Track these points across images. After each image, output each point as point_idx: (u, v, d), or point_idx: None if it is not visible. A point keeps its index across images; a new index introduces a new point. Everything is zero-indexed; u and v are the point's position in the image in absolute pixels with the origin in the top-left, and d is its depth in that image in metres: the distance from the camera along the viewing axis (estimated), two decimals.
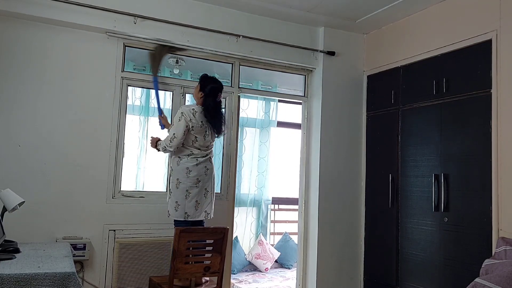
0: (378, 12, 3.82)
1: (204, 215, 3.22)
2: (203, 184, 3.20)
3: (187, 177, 3.15)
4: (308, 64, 4.20)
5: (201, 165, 3.19)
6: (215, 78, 3.37)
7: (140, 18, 3.46)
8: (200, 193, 3.19)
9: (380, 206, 3.98)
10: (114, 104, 3.51)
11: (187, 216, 3.15)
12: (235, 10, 3.83)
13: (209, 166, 3.25)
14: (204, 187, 3.20)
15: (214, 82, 3.28)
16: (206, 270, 2.97)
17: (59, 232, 3.27)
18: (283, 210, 6.53)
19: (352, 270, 4.14)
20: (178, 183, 3.16)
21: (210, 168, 3.25)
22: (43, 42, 3.32)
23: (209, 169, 3.24)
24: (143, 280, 3.46)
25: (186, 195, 3.15)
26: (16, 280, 2.07)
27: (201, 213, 3.20)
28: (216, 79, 3.35)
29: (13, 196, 2.77)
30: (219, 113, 3.26)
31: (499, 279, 2.47)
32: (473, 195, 3.13)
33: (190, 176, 3.15)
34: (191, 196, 3.15)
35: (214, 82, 3.28)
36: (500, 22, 3.06)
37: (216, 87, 3.25)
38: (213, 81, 3.29)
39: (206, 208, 3.23)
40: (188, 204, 3.15)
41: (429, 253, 3.43)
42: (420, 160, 3.59)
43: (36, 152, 3.25)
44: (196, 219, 3.19)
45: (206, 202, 3.23)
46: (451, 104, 3.36)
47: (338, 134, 4.18)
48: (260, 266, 5.51)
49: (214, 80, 3.32)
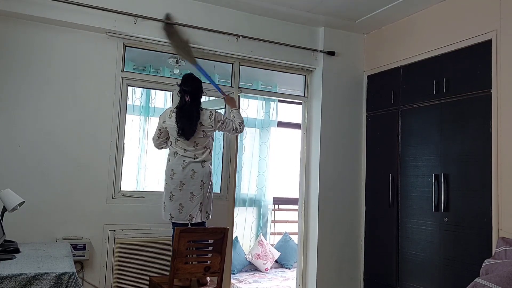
0: (378, 12, 3.82)
1: (188, 218, 3.13)
2: (188, 187, 3.12)
3: (171, 179, 3.14)
4: (308, 64, 4.20)
5: (187, 168, 3.12)
6: (188, 77, 3.26)
7: (140, 18, 3.46)
8: (185, 197, 3.11)
9: (380, 206, 3.98)
10: (114, 104, 3.51)
11: (171, 217, 3.14)
12: (235, 10, 3.83)
13: (198, 169, 3.14)
14: (189, 190, 3.12)
15: (183, 83, 3.21)
16: (206, 270, 2.97)
17: (59, 232, 3.27)
18: (283, 210, 6.53)
19: (352, 270, 4.14)
20: (165, 184, 3.20)
21: (198, 171, 3.14)
22: (43, 42, 3.32)
23: (196, 172, 3.14)
24: (143, 280, 3.46)
25: (170, 197, 3.14)
26: (16, 280, 2.07)
27: (186, 216, 3.13)
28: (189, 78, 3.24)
29: (13, 196, 2.77)
30: (186, 115, 3.11)
31: (499, 279, 2.47)
32: (473, 195, 3.13)
33: (173, 179, 3.13)
34: (175, 199, 3.12)
35: (183, 82, 3.21)
36: (500, 22, 3.06)
37: (183, 89, 3.18)
38: (183, 82, 3.22)
39: (191, 211, 3.12)
40: (172, 206, 3.13)
41: (429, 253, 3.43)
42: (420, 160, 3.59)
43: (36, 152, 3.25)
44: (180, 222, 3.13)
45: (192, 206, 3.12)
46: (451, 104, 3.36)
47: (338, 134, 4.18)
48: (260, 266, 5.51)
49: (185, 80, 3.23)
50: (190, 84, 3.19)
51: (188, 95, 3.16)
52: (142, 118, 4.82)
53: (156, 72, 4.48)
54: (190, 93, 3.16)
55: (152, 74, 4.34)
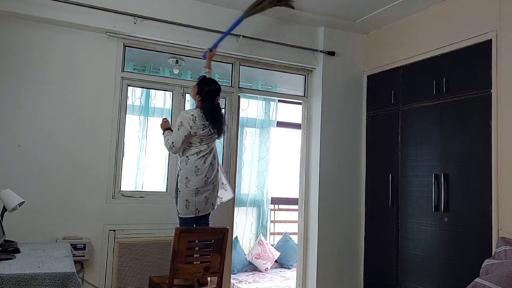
0: (378, 12, 3.83)
1: (211, 208, 3.32)
2: (211, 180, 3.25)
3: (196, 175, 3.18)
4: (308, 64, 4.20)
5: (207, 162, 3.24)
6: (212, 80, 3.36)
7: (140, 18, 3.46)
8: (209, 189, 3.25)
9: (380, 206, 3.98)
10: (114, 104, 3.51)
11: (198, 212, 3.21)
12: (235, 10, 3.83)
13: (214, 162, 3.30)
14: (212, 182, 3.26)
15: (211, 85, 3.28)
16: (206, 270, 2.97)
17: (59, 232, 3.27)
18: (283, 210, 6.53)
19: (352, 270, 4.14)
20: (188, 182, 3.18)
21: (214, 163, 3.30)
22: (43, 42, 3.32)
23: (213, 164, 3.29)
24: (143, 280, 3.46)
25: (196, 193, 3.18)
26: (16, 280, 2.07)
27: (210, 206, 3.29)
28: (213, 82, 3.34)
29: (13, 196, 2.77)
30: (219, 115, 3.29)
31: (499, 279, 2.47)
32: (473, 195, 3.13)
33: (199, 175, 3.19)
34: (201, 193, 3.20)
35: (211, 85, 3.28)
36: (500, 22, 3.06)
37: (213, 90, 3.26)
38: (210, 84, 3.29)
39: (213, 201, 3.32)
40: (198, 200, 3.20)
41: (429, 253, 3.43)
42: (420, 160, 3.59)
43: (36, 152, 3.25)
44: (206, 213, 3.28)
45: (214, 196, 3.32)
46: (451, 104, 3.36)
47: (338, 134, 4.18)
48: (260, 266, 5.51)
49: (211, 82, 3.31)
50: (217, 87, 3.31)
51: (218, 97, 3.30)
52: (142, 118, 4.82)
53: (156, 72, 4.48)
54: (219, 95, 3.31)
55: (152, 74, 4.35)
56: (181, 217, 3.20)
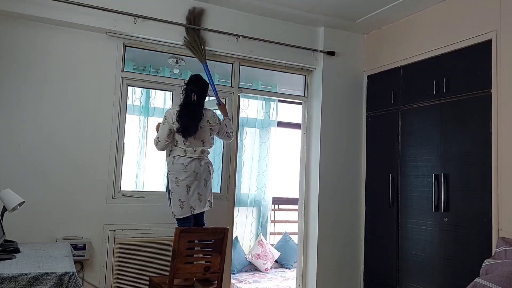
0: (378, 12, 3.83)
1: (208, 204, 3.28)
2: (201, 175, 3.22)
3: (185, 171, 3.16)
4: (308, 64, 4.20)
5: (194, 161, 3.21)
6: (196, 78, 3.31)
7: (140, 18, 3.46)
8: (200, 185, 3.22)
9: (380, 206, 3.98)
10: (114, 104, 3.51)
11: (193, 210, 3.18)
12: (235, 10, 3.83)
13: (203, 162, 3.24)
14: (202, 177, 3.23)
15: (190, 82, 3.28)
16: (206, 270, 2.97)
17: (59, 232, 3.27)
18: (283, 210, 6.53)
19: (352, 270, 4.14)
20: (178, 181, 3.16)
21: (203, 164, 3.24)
22: (43, 42, 3.31)
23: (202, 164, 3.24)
24: (143, 280, 3.46)
25: (188, 190, 3.16)
26: (16, 280, 2.07)
27: (205, 203, 3.25)
28: (197, 79, 3.30)
29: (13, 196, 2.77)
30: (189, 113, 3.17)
31: (499, 279, 2.47)
32: (473, 195, 3.13)
33: (187, 171, 3.17)
34: (192, 190, 3.18)
35: (191, 82, 3.27)
36: (500, 22, 3.06)
37: (190, 88, 3.23)
38: (191, 82, 3.28)
39: (209, 197, 3.28)
40: (191, 198, 3.17)
41: (429, 253, 3.43)
42: (420, 160, 3.59)
43: (36, 152, 3.25)
44: (202, 210, 3.24)
45: (208, 192, 3.27)
46: (451, 104, 3.36)
47: (338, 134, 4.18)
48: (260, 266, 5.51)
49: (192, 79, 3.29)
50: (198, 85, 3.27)
51: (195, 95, 3.22)
52: (142, 118, 4.82)
53: (156, 72, 4.48)
54: (197, 93, 3.23)
55: (152, 74, 4.35)
56: (177, 218, 3.18)
